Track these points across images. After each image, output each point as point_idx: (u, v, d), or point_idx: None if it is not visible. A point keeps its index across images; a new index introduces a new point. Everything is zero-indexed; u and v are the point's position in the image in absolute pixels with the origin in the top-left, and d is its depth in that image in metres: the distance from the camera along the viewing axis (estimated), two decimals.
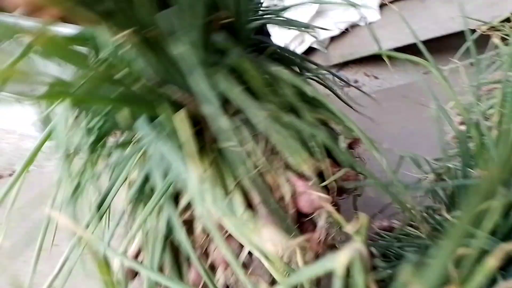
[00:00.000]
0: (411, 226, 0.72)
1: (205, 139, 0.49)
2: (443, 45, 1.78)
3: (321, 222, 0.52)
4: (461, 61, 0.82)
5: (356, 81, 1.69)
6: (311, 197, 0.51)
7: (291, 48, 1.56)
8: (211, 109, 0.47)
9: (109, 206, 0.49)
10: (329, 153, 0.58)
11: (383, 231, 0.82)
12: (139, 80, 0.46)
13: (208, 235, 0.50)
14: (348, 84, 1.63)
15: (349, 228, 0.28)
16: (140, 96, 0.47)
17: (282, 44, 0.81)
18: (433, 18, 1.68)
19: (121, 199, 0.52)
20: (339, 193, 0.61)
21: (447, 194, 0.66)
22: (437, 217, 0.59)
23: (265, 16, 0.74)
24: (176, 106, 0.48)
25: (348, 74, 1.74)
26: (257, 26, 0.69)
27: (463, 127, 0.62)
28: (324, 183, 0.54)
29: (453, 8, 1.65)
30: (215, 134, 0.49)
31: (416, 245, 0.59)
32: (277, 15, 0.75)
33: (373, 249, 0.69)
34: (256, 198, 0.48)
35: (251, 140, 0.51)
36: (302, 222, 0.52)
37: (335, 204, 0.59)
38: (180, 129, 0.43)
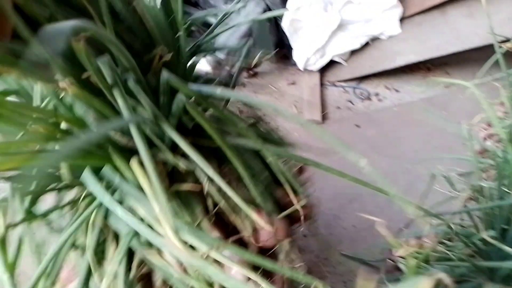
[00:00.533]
0: (442, 243, 0.72)
1: (163, 181, 0.47)
2: (462, 58, 1.78)
3: (282, 256, 0.53)
4: (484, 75, 0.82)
5: (377, 94, 1.70)
6: (271, 231, 0.51)
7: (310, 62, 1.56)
8: (162, 155, 0.46)
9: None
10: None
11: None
12: (83, 129, 0.44)
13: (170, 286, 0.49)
14: (368, 97, 1.65)
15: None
16: (88, 146, 0.43)
17: None
18: (455, 32, 1.68)
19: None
20: (295, 222, 0.61)
21: (482, 213, 0.66)
22: (471, 236, 0.59)
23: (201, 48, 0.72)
24: (127, 152, 0.45)
25: (369, 87, 1.75)
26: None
27: (490, 142, 0.62)
28: (282, 214, 0.54)
29: (475, 22, 1.65)
30: (172, 175, 0.49)
31: (449, 266, 0.60)
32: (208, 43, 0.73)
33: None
34: (217, 236, 0.48)
35: (207, 181, 0.49)
36: (264, 255, 0.51)
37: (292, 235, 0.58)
38: (138, 174, 0.41)
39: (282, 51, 1.86)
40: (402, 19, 1.85)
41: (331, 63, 1.82)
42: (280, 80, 1.81)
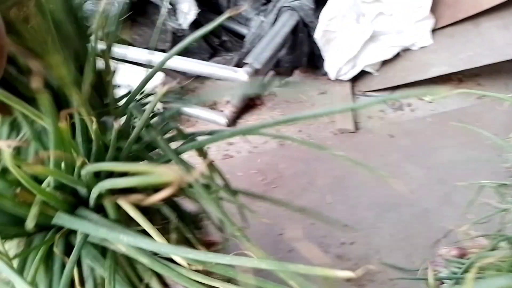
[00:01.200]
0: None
1: None
2: (494, 69, 1.78)
3: None
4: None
5: (409, 105, 1.71)
6: None
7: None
8: None
9: None
10: None
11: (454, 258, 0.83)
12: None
13: None
14: (401, 107, 1.65)
15: None
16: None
17: None
18: (489, 44, 1.68)
19: None
20: None
21: None
22: None
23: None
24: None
25: (401, 97, 1.76)
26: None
27: None
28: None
29: (510, 34, 1.64)
30: None
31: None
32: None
33: None
34: None
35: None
36: None
37: None
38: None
39: (313, 61, 1.89)
40: (433, 31, 1.85)
41: (362, 73, 1.83)
42: (310, 90, 1.83)
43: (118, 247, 0.41)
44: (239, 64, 1.79)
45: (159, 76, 1.57)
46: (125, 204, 0.41)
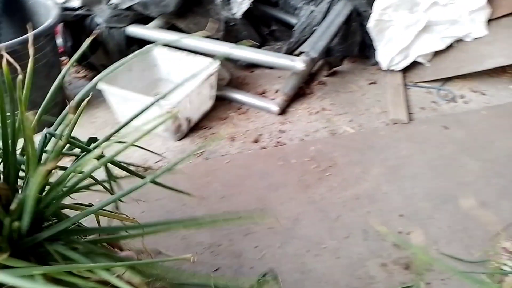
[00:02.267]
0: None
1: None
2: None
3: None
4: None
5: (462, 96, 1.68)
6: None
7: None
8: None
9: None
10: None
11: None
12: None
13: None
14: (454, 99, 1.63)
15: None
16: None
17: None
18: None
19: None
20: None
21: None
22: None
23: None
24: None
25: (453, 89, 1.73)
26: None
27: None
28: None
29: None
30: None
31: None
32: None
33: None
34: None
35: None
36: None
37: None
38: None
39: (363, 51, 1.88)
40: (489, 21, 1.81)
41: (413, 64, 1.81)
42: (360, 80, 1.83)
43: None
44: (288, 53, 1.80)
45: (215, 64, 1.60)
46: None
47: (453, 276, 1.04)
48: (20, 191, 0.61)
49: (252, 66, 1.94)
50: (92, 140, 0.72)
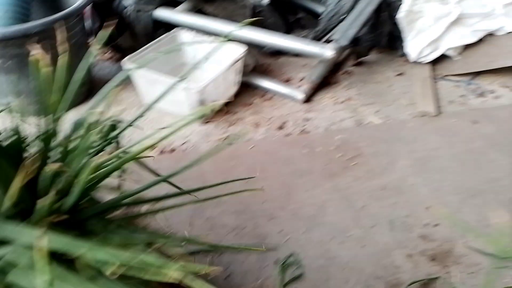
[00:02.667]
0: None
1: None
2: None
3: None
4: None
5: (492, 91, 1.64)
6: None
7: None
8: None
9: None
10: None
11: None
12: None
13: None
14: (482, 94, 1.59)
15: None
16: None
17: None
18: None
19: None
20: None
21: None
22: None
23: None
24: None
25: (483, 83, 1.69)
26: None
27: None
28: None
29: None
30: None
31: None
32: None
33: None
34: None
35: None
36: None
37: None
38: None
39: (391, 42, 1.85)
40: None
41: (442, 57, 1.78)
42: (387, 71, 1.80)
43: None
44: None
45: (242, 50, 1.59)
46: None
47: (481, 270, 1.03)
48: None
49: (277, 53, 1.92)
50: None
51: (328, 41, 1.58)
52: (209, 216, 1.18)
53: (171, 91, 0.69)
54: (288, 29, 2.03)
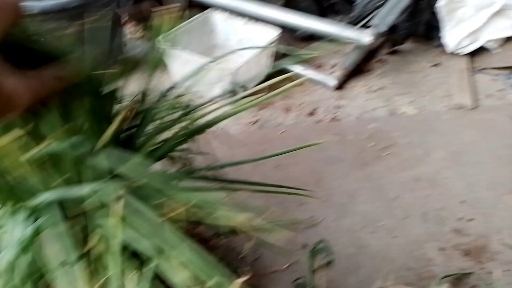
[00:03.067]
0: None
1: None
2: None
3: None
4: None
5: None
6: None
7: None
8: None
9: None
10: None
11: None
12: None
13: None
14: None
15: None
16: None
17: None
18: None
19: None
20: None
21: None
22: None
23: None
24: None
25: None
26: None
27: None
28: None
29: None
30: None
31: None
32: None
33: None
34: None
35: None
36: None
37: None
38: None
39: (428, 31, 1.79)
40: None
41: (481, 49, 1.72)
42: (423, 61, 1.76)
43: None
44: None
45: (275, 32, 1.57)
46: None
47: None
48: None
49: (309, 38, 1.89)
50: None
51: (364, 27, 1.54)
52: (238, 201, 1.18)
53: (203, 72, 0.68)
54: (321, 14, 1.99)
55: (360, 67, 1.70)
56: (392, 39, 1.76)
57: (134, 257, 0.52)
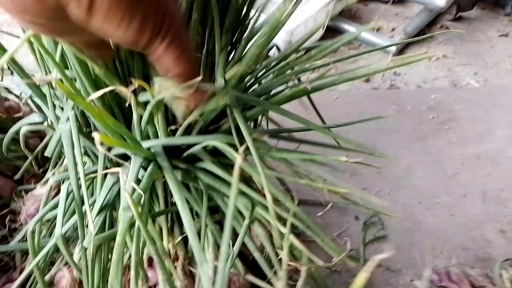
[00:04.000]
0: None
1: None
2: None
3: None
4: None
5: None
6: None
7: None
8: None
9: None
10: None
11: None
12: None
13: None
14: None
15: None
16: None
17: None
18: None
19: None
20: None
21: None
22: None
23: None
24: None
25: None
26: None
27: None
28: None
29: None
30: None
31: None
32: None
33: None
34: None
35: None
36: None
37: None
38: None
39: None
40: None
41: None
42: (489, 30, 1.63)
43: None
44: None
45: None
46: None
47: None
48: None
49: None
50: None
51: None
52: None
53: None
54: None
55: (422, 33, 1.60)
56: (459, 3, 1.64)
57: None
